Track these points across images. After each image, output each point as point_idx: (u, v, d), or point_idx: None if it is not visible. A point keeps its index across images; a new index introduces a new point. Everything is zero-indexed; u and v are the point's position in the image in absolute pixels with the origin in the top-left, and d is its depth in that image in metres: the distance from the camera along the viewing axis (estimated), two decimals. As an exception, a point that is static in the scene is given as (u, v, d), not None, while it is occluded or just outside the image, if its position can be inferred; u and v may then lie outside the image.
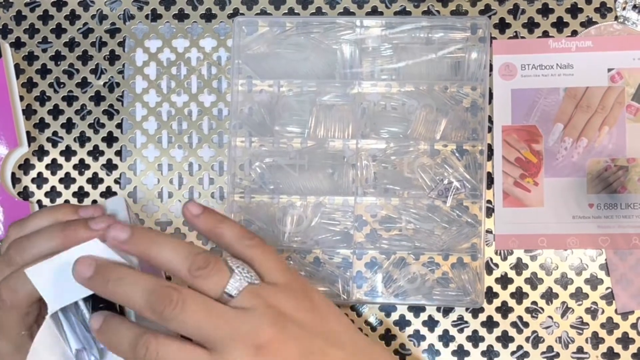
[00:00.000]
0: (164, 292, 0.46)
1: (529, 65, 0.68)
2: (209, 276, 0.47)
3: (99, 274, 0.48)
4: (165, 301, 0.46)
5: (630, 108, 0.67)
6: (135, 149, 0.70)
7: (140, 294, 0.47)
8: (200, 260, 0.47)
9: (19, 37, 0.72)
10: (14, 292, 0.51)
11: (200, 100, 0.71)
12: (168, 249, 0.48)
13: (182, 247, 0.48)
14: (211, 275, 0.47)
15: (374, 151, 0.68)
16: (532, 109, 0.68)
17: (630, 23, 0.68)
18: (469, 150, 0.68)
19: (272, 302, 0.48)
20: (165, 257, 0.48)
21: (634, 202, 0.66)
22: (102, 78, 0.71)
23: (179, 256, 0.47)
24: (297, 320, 0.48)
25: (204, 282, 0.47)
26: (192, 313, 0.46)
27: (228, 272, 0.48)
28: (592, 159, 0.67)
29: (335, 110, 0.68)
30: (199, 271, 0.47)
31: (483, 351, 0.66)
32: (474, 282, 0.66)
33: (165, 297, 0.46)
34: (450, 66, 0.68)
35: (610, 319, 0.66)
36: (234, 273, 0.48)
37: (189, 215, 0.50)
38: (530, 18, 0.69)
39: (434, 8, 0.70)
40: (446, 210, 0.67)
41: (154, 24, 0.72)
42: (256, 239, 0.50)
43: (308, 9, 0.71)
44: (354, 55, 0.68)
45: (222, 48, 0.71)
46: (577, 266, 0.67)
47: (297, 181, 0.68)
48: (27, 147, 0.69)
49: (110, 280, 0.47)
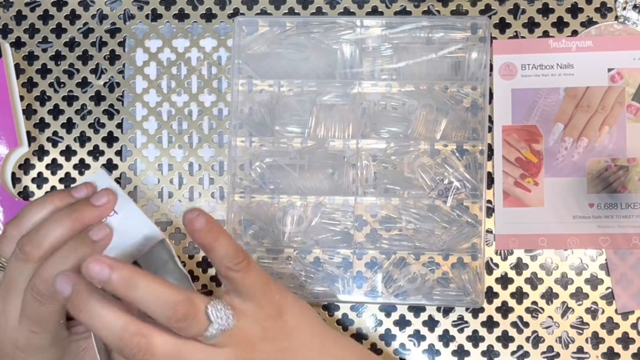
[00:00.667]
0: (133, 340, 0.47)
1: (529, 65, 0.68)
2: (188, 327, 0.48)
3: (74, 301, 0.48)
4: (134, 349, 0.47)
5: (631, 108, 0.67)
6: (136, 149, 0.70)
7: (110, 337, 0.47)
8: (180, 312, 0.47)
9: (19, 37, 0.72)
10: (49, 284, 0.51)
11: (201, 100, 0.71)
12: (148, 296, 0.47)
13: (163, 294, 0.48)
14: (190, 327, 0.48)
15: (374, 151, 0.68)
16: (532, 109, 0.68)
17: (631, 23, 0.68)
18: (469, 150, 0.68)
19: (241, 337, 0.50)
20: (145, 303, 0.48)
21: (634, 202, 0.66)
22: (102, 78, 0.71)
23: (160, 305, 0.47)
24: (266, 352, 0.51)
25: (183, 331, 0.48)
26: (161, 358, 0.48)
27: (206, 322, 0.48)
28: (592, 158, 0.67)
29: (336, 110, 0.68)
30: (178, 323, 0.48)
31: (483, 351, 0.66)
32: (474, 282, 0.66)
33: (134, 345, 0.47)
34: (451, 66, 0.68)
35: (610, 319, 0.66)
36: (212, 323, 0.49)
37: (190, 226, 0.50)
38: (530, 18, 0.69)
39: (434, 8, 0.70)
40: (446, 210, 0.67)
41: (154, 23, 0.72)
42: (242, 262, 0.51)
43: (308, 9, 0.71)
44: (354, 55, 0.68)
45: (222, 48, 0.71)
46: (577, 266, 0.67)
47: (297, 181, 0.68)
48: (27, 147, 0.69)
49: (82, 310, 0.48)
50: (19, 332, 0.53)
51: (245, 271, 0.51)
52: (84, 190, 0.56)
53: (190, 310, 0.48)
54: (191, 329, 0.48)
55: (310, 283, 0.67)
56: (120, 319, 0.47)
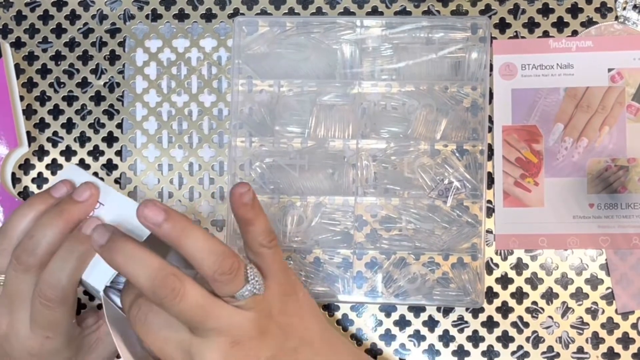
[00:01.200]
0: (168, 280, 0.47)
1: (529, 65, 0.68)
2: (228, 283, 0.49)
3: (110, 246, 0.48)
4: (167, 289, 0.47)
5: (631, 108, 0.67)
6: (136, 149, 0.70)
7: (144, 276, 0.47)
8: (226, 265, 0.48)
9: (19, 37, 0.72)
10: (57, 289, 0.52)
11: (201, 100, 0.70)
12: (200, 244, 0.48)
13: (214, 246, 0.49)
14: (230, 282, 0.49)
15: (374, 151, 0.68)
16: (532, 109, 0.68)
17: (631, 23, 0.68)
18: (470, 150, 0.68)
19: (263, 306, 0.51)
20: (194, 252, 0.48)
21: (634, 202, 0.66)
22: (102, 78, 0.71)
23: (209, 256, 0.48)
24: (279, 323, 0.52)
25: (221, 286, 0.49)
26: (190, 306, 0.48)
27: (243, 282, 0.49)
28: (592, 158, 0.67)
29: (336, 110, 0.68)
30: (222, 276, 0.48)
31: (483, 351, 0.66)
32: (474, 282, 0.66)
33: (168, 286, 0.47)
34: (451, 66, 0.68)
35: (610, 319, 0.66)
36: (248, 284, 0.50)
37: (238, 199, 0.51)
38: (530, 18, 0.69)
39: (434, 8, 0.70)
40: (446, 210, 0.67)
41: (154, 24, 0.72)
42: (273, 241, 0.53)
43: (308, 9, 0.71)
44: (354, 55, 0.68)
45: (222, 48, 0.71)
46: (577, 266, 0.67)
47: (297, 181, 0.68)
48: (27, 147, 0.69)
49: (119, 254, 0.48)
50: (32, 340, 0.54)
51: (275, 250, 0.53)
52: (63, 189, 0.56)
53: (234, 266, 0.48)
54: (229, 285, 0.49)
55: (310, 283, 0.67)
56: (157, 260, 0.48)
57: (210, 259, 0.48)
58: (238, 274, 0.49)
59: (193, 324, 0.49)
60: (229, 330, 0.49)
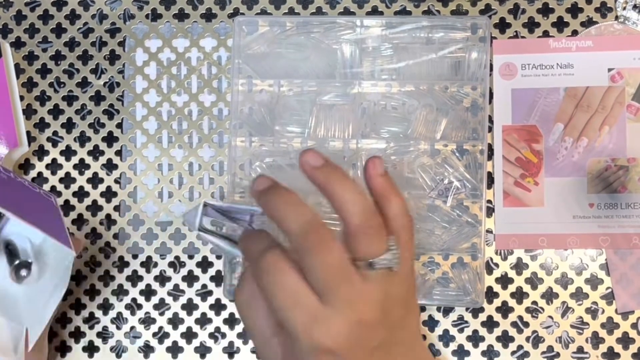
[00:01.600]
0: (320, 230, 0.47)
1: (529, 65, 0.68)
2: (373, 239, 0.47)
3: (268, 192, 0.49)
4: (318, 237, 0.46)
5: (631, 108, 0.67)
6: (136, 149, 0.70)
7: (297, 222, 0.47)
8: (373, 220, 0.47)
9: (19, 36, 0.72)
10: None
11: (201, 100, 0.71)
12: (351, 195, 0.48)
13: (365, 202, 0.48)
14: (374, 240, 0.47)
15: (374, 151, 0.68)
16: (532, 109, 0.68)
17: (631, 23, 0.68)
18: (469, 150, 0.68)
19: (389, 289, 0.48)
20: (345, 201, 0.47)
21: (634, 202, 0.66)
22: (102, 78, 0.71)
23: (359, 208, 0.47)
24: (395, 312, 0.49)
25: (364, 241, 0.47)
26: (333, 261, 0.46)
27: (385, 247, 0.48)
28: (592, 158, 0.67)
29: (336, 110, 0.68)
30: (370, 229, 0.47)
31: (483, 351, 0.66)
32: (474, 282, 0.66)
33: (319, 234, 0.46)
34: (451, 66, 0.68)
35: (610, 319, 0.66)
36: (389, 251, 0.48)
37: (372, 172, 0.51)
38: (530, 18, 0.69)
39: (434, 8, 0.70)
40: (446, 210, 0.67)
41: (154, 23, 0.72)
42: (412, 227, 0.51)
43: (308, 9, 0.71)
44: (354, 55, 0.68)
45: (222, 48, 0.71)
46: (577, 266, 0.67)
47: (297, 181, 0.68)
48: (27, 147, 0.69)
49: (281, 195, 0.49)
50: None
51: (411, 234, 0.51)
52: None
53: (381, 226, 0.47)
54: (371, 244, 0.47)
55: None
56: (311, 210, 0.48)
57: (359, 210, 0.47)
58: (381, 235, 0.47)
59: (327, 285, 0.46)
60: (357, 305, 0.46)
